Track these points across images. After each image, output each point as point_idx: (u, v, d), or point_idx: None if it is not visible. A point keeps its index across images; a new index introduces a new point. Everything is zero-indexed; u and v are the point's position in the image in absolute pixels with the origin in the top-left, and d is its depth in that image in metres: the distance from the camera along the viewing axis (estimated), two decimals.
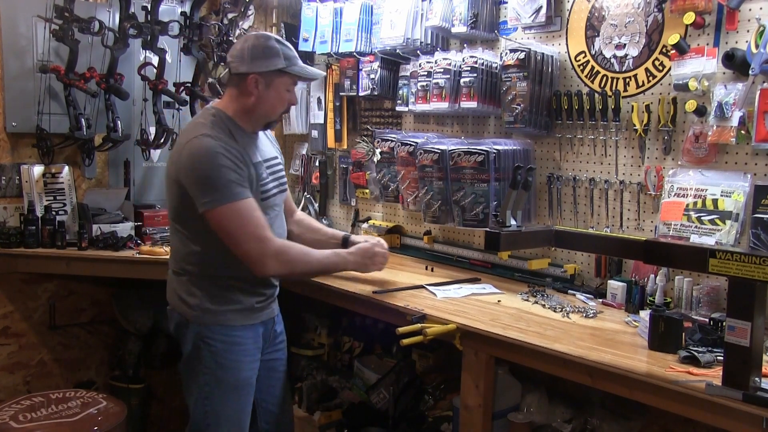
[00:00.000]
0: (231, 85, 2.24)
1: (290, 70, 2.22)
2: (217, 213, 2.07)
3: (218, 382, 2.19)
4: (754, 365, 1.55)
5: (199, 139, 2.10)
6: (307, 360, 3.39)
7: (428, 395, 2.83)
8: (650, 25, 2.36)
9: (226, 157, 2.08)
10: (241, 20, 3.60)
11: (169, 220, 2.31)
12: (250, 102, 2.20)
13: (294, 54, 2.25)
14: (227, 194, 2.06)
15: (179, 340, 2.29)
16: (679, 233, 2.19)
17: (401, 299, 2.36)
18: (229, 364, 2.20)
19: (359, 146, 3.39)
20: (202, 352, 2.19)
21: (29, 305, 3.32)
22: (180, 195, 2.14)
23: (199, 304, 2.19)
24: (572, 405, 2.39)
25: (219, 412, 2.20)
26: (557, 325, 2.13)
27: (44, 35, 3.13)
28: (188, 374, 2.25)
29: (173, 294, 2.28)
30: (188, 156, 2.10)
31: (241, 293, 2.22)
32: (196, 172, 2.08)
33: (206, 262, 2.19)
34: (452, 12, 2.81)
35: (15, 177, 3.20)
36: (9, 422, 2.47)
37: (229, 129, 2.18)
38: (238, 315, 2.22)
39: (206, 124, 2.16)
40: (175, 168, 2.14)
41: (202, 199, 2.07)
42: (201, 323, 2.19)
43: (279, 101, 2.24)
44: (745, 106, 2.07)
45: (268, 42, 2.20)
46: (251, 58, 2.17)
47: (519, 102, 2.56)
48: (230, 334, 2.20)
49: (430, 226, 3.07)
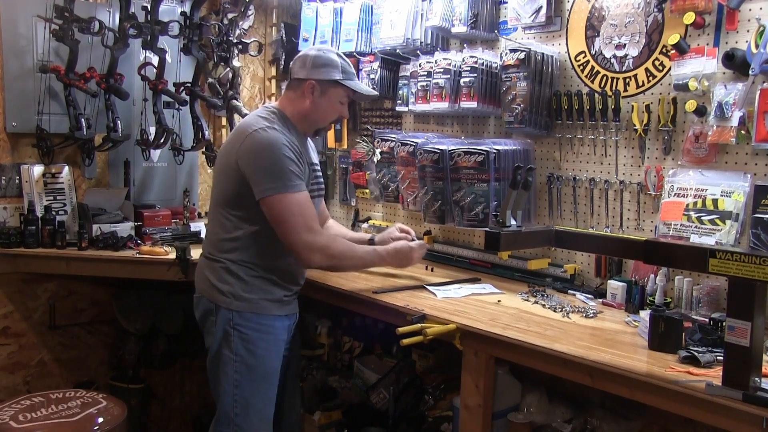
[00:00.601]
0: (290, 89, 2.39)
1: (345, 83, 2.36)
2: (276, 200, 2.17)
3: (249, 370, 2.24)
4: (754, 365, 1.55)
5: (265, 131, 2.21)
6: (307, 360, 3.39)
7: (428, 395, 2.83)
8: (650, 25, 2.36)
9: (289, 149, 2.20)
10: (241, 20, 3.60)
11: (212, 206, 2.37)
12: (305, 106, 2.34)
13: (352, 71, 2.41)
14: (288, 184, 2.17)
15: (205, 328, 2.32)
16: (679, 233, 2.19)
17: (401, 299, 2.36)
18: (261, 353, 2.26)
19: (359, 146, 3.39)
20: (232, 339, 2.23)
21: (29, 305, 3.32)
22: (237, 180, 2.22)
23: (232, 290, 2.25)
24: (572, 405, 2.39)
25: (249, 401, 2.25)
26: (557, 325, 2.13)
27: (44, 35, 3.13)
28: (217, 362, 2.27)
29: (204, 280, 2.33)
30: (252, 145, 2.19)
31: (271, 284, 2.29)
32: (260, 160, 2.18)
33: (245, 249, 2.26)
34: (452, 12, 2.81)
35: (15, 177, 3.20)
36: (9, 422, 2.47)
37: (288, 127, 2.30)
38: (270, 304, 2.28)
39: (268, 118, 2.28)
40: (234, 155, 2.22)
41: (263, 186, 2.17)
42: (233, 309, 2.24)
43: (331, 110, 2.39)
44: (745, 106, 2.07)
45: (330, 54, 2.37)
46: (312, 66, 2.33)
47: (519, 102, 2.56)
48: (262, 323, 2.26)
49: (430, 226, 3.07)
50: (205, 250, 2.38)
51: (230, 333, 2.24)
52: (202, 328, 2.36)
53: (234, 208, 2.28)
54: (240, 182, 2.22)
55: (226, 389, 2.25)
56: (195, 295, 2.38)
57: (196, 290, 2.38)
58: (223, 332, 2.25)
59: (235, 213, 2.27)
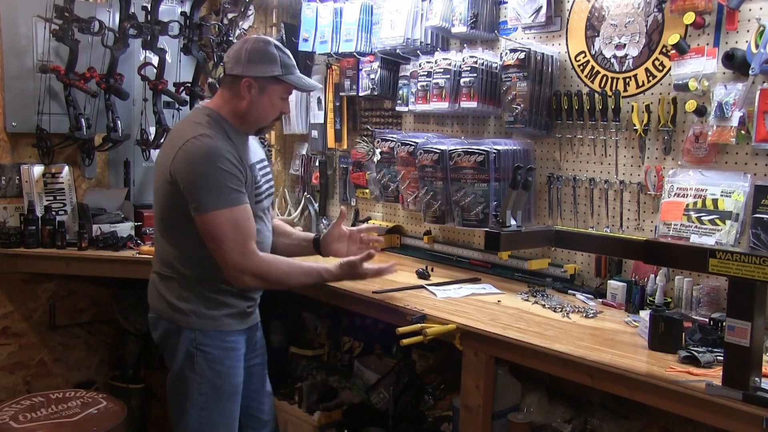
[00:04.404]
0: (224, 86, 2.18)
1: (286, 79, 2.15)
2: (209, 217, 2.01)
3: (215, 391, 2.13)
4: (754, 365, 1.55)
5: (198, 140, 2.02)
6: (307, 360, 3.39)
7: (428, 395, 2.82)
8: (650, 25, 2.36)
9: (226, 159, 2.02)
10: (241, 20, 3.60)
11: (156, 222, 2.20)
12: (242, 105, 2.14)
13: (292, 62, 2.18)
14: (224, 199, 2.01)
15: (166, 349, 2.19)
16: (679, 233, 2.19)
17: (401, 299, 2.36)
18: (226, 371, 2.15)
19: (359, 146, 3.39)
20: (196, 360, 2.11)
21: (29, 305, 3.32)
22: (175, 195, 2.06)
23: (194, 309, 2.11)
24: (572, 405, 2.39)
25: (217, 421, 2.14)
26: (557, 325, 2.13)
27: (44, 35, 3.13)
28: (180, 386, 2.15)
29: (159, 299, 2.17)
30: (186, 157, 2.02)
31: (233, 297, 2.16)
32: (194, 173, 2.01)
33: (201, 265, 2.11)
34: (452, 12, 2.81)
35: (15, 177, 3.20)
36: (9, 422, 2.47)
37: (225, 130, 2.11)
38: (233, 320, 2.17)
39: (203, 123, 2.09)
40: (169, 168, 2.05)
41: (197, 202, 2.01)
42: (196, 329, 2.11)
43: (272, 108, 2.18)
44: (745, 106, 2.07)
45: (267, 47, 2.13)
46: (248, 61, 2.11)
47: (519, 102, 2.56)
48: (226, 340, 2.15)
49: (430, 226, 3.07)
50: (156, 266, 2.20)
51: (194, 354, 2.10)
52: (162, 349, 2.23)
53: (179, 226, 2.11)
54: (179, 196, 2.04)
55: (191, 412, 2.13)
56: (150, 315, 2.22)
57: (151, 310, 2.21)
58: (185, 353, 2.11)
59: (183, 229, 2.09)
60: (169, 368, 2.19)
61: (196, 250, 2.10)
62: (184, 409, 2.14)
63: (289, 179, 4.01)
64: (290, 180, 3.99)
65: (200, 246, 2.08)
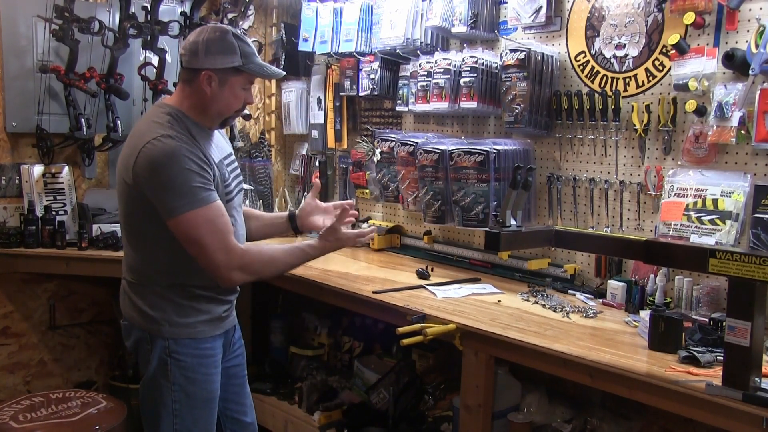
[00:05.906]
0: (182, 81, 2.06)
1: (246, 69, 2.03)
2: (183, 220, 1.91)
3: (188, 398, 2.06)
4: (754, 365, 1.55)
5: (160, 141, 1.91)
6: (307, 360, 3.39)
7: (428, 395, 2.83)
8: (650, 25, 2.36)
9: (190, 159, 1.92)
10: (241, 20, 3.60)
11: (124, 228, 2.11)
12: (203, 99, 2.02)
13: (252, 51, 2.06)
14: (194, 200, 1.91)
15: (139, 357, 2.12)
16: (679, 233, 2.19)
17: (401, 299, 2.36)
18: (200, 378, 2.07)
19: (359, 146, 3.39)
20: (169, 368, 2.04)
21: (29, 305, 3.32)
22: (138, 200, 1.96)
23: (166, 317, 2.03)
24: (572, 405, 2.39)
25: (191, 429, 2.09)
26: (557, 325, 2.13)
27: (44, 35, 3.13)
28: (153, 393, 2.08)
29: (131, 306, 2.09)
30: (148, 161, 1.90)
31: (207, 302, 2.08)
32: (159, 178, 1.90)
33: (172, 272, 2.03)
34: (452, 12, 2.81)
35: (15, 177, 3.20)
36: (9, 422, 2.47)
37: (188, 128, 2.00)
38: (207, 326, 2.08)
39: (163, 123, 1.97)
40: (131, 172, 1.93)
41: (168, 206, 1.91)
42: (169, 337, 2.03)
43: (234, 100, 2.07)
44: (745, 106, 2.07)
45: (225, 36, 2.00)
46: (206, 53, 1.98)
47: (519, 102, 2.56)
48: (200, 347, 2.07)
49: (430, 226, 3.07)
50: (125, 273, 2.11)
51: (167, 362, 2.03)
52: (135, 356, 2.16)
53: (146, 232, 2.02)
54: (144, 201, 1.94)
55: (165, 419, 2.06)
56: (123, 322, 2.13)
57: (124, 317, 2.13)
58: (158, 361, 2.04)
59: (151, 235, 2.00)
60: (142, 375, 2.13)
61: (165, 257, 2.02)
62: (158, 417, 2.08)
63: (289, 179, 4.01)
64: (290, 180, 4.00)
65: (170, 252, 2.00)
